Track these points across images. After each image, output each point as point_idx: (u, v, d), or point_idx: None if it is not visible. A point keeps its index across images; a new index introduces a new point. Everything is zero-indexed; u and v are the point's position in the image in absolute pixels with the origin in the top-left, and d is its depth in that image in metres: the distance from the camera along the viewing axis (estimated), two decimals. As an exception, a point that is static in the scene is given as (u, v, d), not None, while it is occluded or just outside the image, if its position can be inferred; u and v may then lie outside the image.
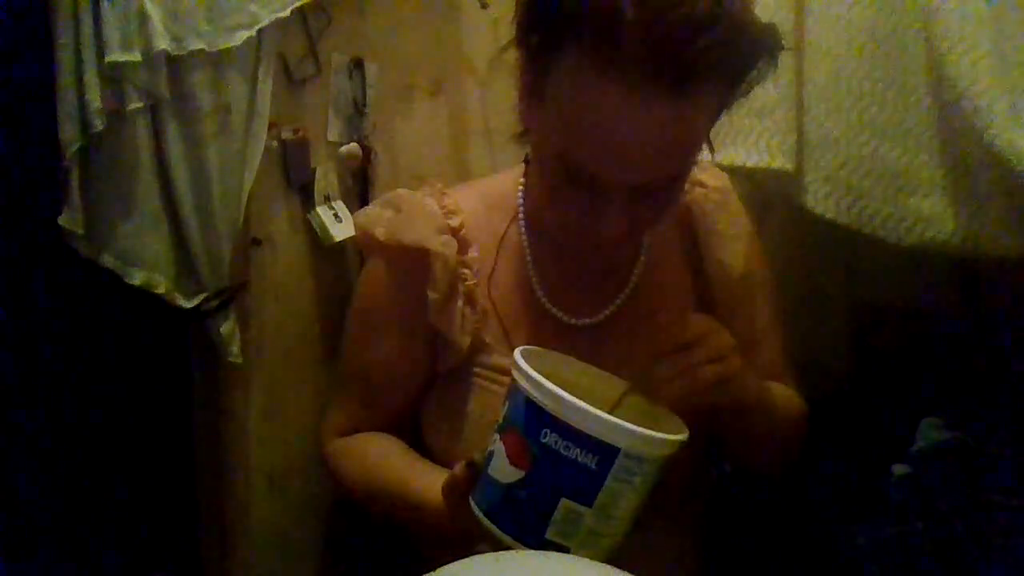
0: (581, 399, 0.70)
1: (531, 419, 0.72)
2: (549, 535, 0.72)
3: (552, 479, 0.71)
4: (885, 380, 1.17)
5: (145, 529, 1.07)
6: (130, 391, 1.05)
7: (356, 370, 0.98)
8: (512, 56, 0.82)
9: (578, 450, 0.70)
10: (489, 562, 0.68)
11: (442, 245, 0.89)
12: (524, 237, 0.93)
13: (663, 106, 0.71)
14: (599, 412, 0.70)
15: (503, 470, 0.73)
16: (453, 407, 0.92)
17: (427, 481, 0.86)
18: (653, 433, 0.71)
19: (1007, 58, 0.92)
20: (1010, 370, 1.03)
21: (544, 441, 0.71)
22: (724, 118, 1.06)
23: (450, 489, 0.79)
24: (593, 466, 0.70)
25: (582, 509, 0.71)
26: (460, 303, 0.90)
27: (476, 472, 0.76)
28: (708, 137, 0.84)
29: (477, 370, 0.91)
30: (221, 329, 0.99)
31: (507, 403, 0.75)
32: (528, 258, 0.93)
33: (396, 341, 0.94)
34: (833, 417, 1.10)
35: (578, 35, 0.72)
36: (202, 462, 1.08)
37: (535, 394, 0.71)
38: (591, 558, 0.71)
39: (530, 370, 0.72)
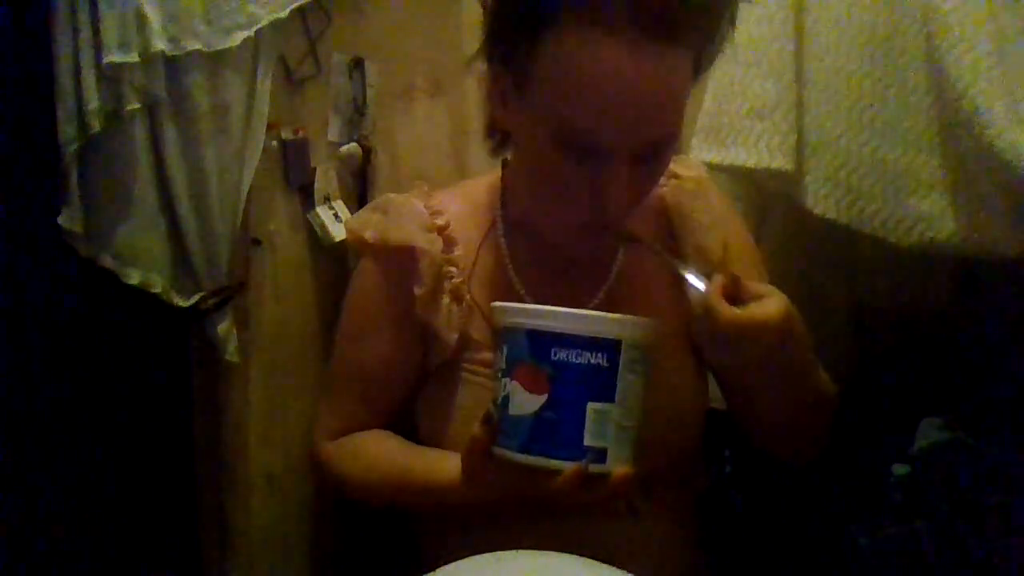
0: None
1: (537, 345, 0.77)
2: (587, 442, 0.77)
3: (574, 389, 0.77)
4: (885, 380, 1.16)
5: (145, 529, 1.07)
6: (129, 391, 1.05)
7: (350, 370, 1.00)
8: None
9: (588, 354, 0.76)
10: (489, 562, 0.69)
11: (428, 243, 0.93)
12: (502, 238, 0.95)
13: (654, 59, 0.75)
14: (597, 313, 0.79)
15: (523, 403, 0.77)
16: (444, 402, 0.94)
17: (436, 459, 0.89)
18: (641, 319, 0.79)
19: (1007, 58, 0.92)
20: (1010, 370, 1.02)
21: (556, 359, 0.76)
22: (724, 118, 1.08)
23: (470, 451, 0.81)
24: (605, 363, 0.76)
25: (607, 407, 0.77)
26: (446, 299, 0.92)
27: (493, 424, 0.79)
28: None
29: (466, 365, 0.93)
30: (218, 329, 1.00)
31: (503, 348, 0.80)
32: (507, 257, 0.95)
33: (389, 337, 0.96)
34: (833, 417, 1.10)
35: (567, 7, 0.75)
36: (202, 462, 1.08)
37: (535, 322, 0.77)
38: (624, 452, 0.78)
39: (521, 305, 0.80)
